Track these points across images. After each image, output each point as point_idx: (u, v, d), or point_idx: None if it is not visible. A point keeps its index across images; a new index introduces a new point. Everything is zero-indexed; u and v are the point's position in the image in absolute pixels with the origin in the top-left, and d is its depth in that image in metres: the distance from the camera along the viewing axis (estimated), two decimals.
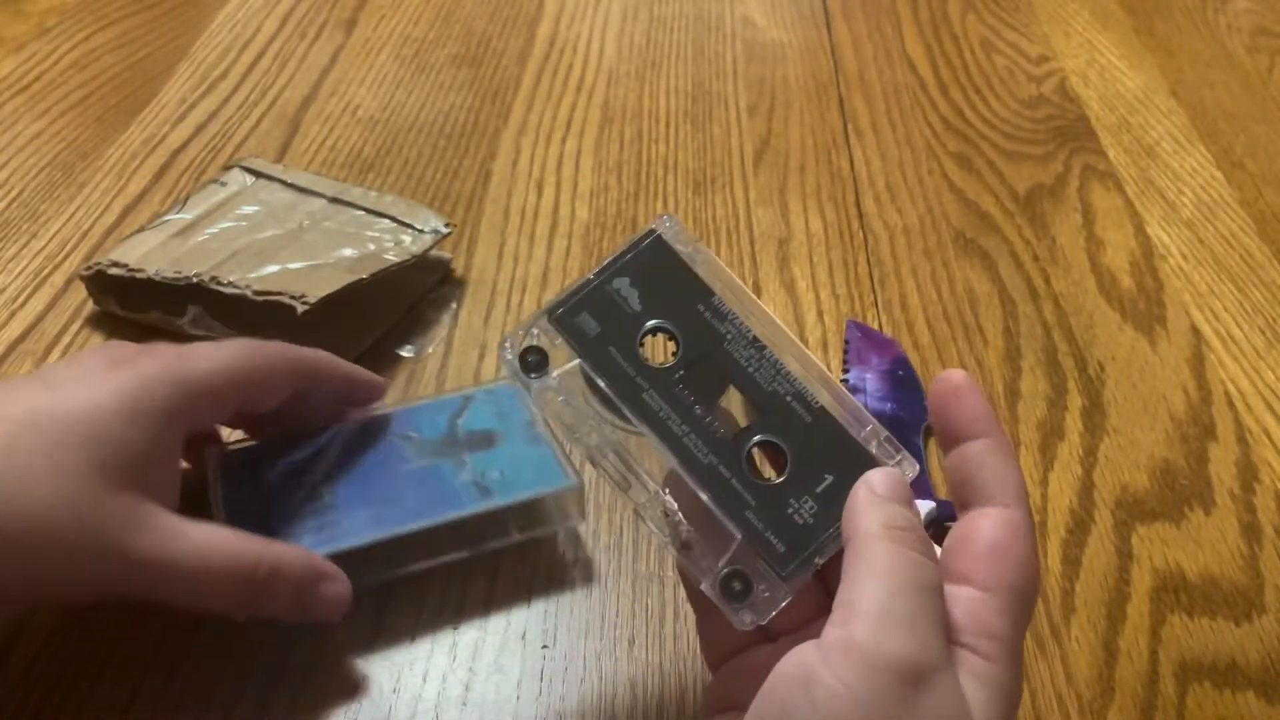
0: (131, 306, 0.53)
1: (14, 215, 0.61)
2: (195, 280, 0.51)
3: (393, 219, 0.56)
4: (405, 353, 0.53)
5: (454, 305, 0.56)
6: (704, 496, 0.33)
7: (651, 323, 0.34)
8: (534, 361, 0.34)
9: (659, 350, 0.34)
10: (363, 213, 0.57)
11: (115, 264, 0.53)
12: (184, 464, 0.41)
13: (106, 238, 0.59)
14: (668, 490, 0.33)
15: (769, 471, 0.34)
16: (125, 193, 0.63)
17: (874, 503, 0.32)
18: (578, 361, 0.33)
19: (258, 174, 0.60)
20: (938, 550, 0.32)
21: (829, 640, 0.28)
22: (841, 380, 0.52)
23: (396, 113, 0.71)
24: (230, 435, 0.45)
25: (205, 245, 0.54)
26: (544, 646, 0.41)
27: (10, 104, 0.70)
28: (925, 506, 0.45)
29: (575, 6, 0.84)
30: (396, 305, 0.55)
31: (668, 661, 0.41)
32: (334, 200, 0.58)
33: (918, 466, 0.33)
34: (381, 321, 0.54)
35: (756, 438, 0.34)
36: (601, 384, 0.33)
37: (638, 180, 0.66)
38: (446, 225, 0.56)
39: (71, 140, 0.67)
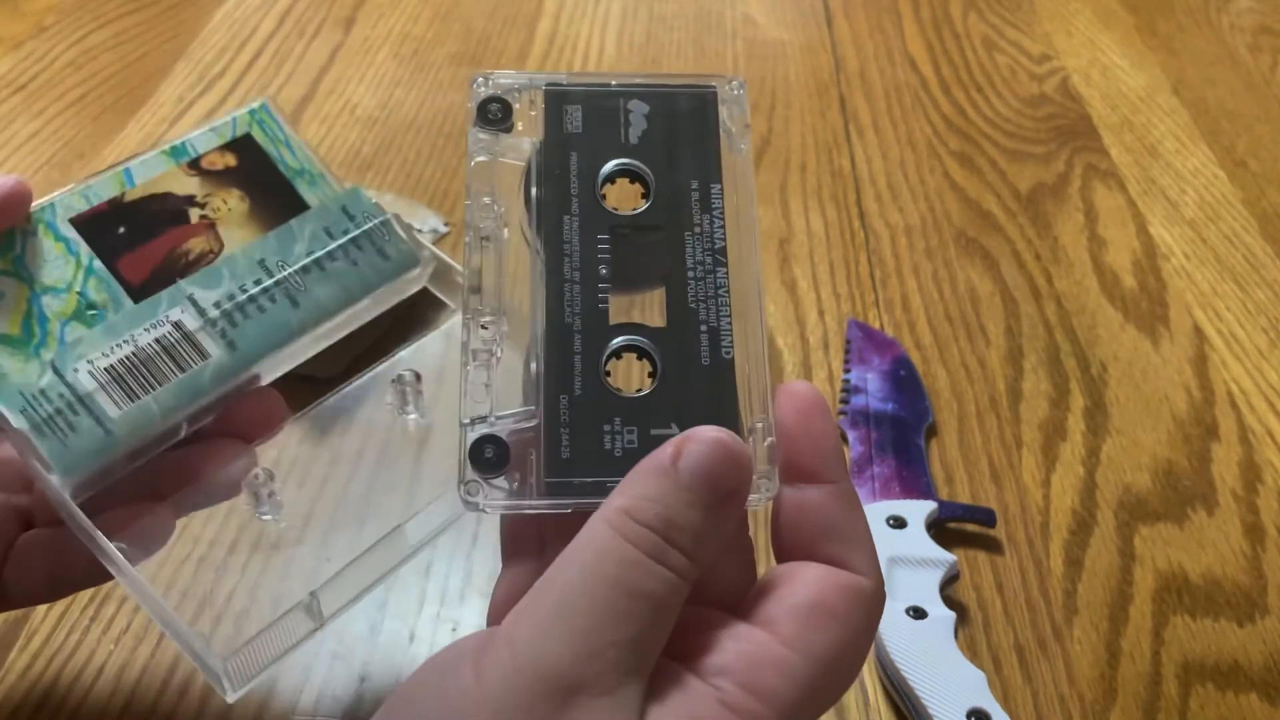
0: None
1: None
2: None
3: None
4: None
5: (450, 307, 0.56)
6: (538, 351, 0.27)
7: (633, 162, 0.29)
8: (495, 112, 0.29)
9: (627, 197, 0.29)
10: None
11: None
12: None
13: None
14: (505, 320, 0.27)
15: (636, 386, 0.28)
16: None
17: (644, 475, 0.24)
18: (533, 141, 0.29)
19: None
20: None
21: (501, 629, 0.23)
22: (843, 380, 0.52)
23: (395, 111, 0.70)
24: None
25: None
26: None
27: (7, 103, 0.70)
28: (926, 507, 0.45)
29: (575, 4, 0.84)
30: (380, 319, 0.53)
31: None
32: None
33: (775, 490, 0.26)
34: (363, 336, 0.53)
35: (634, 339, 0.27)
36: (534, 175, 0.28)
37: None
38: (445, 224, 0.56)
39: (69, 140, 0.67)
